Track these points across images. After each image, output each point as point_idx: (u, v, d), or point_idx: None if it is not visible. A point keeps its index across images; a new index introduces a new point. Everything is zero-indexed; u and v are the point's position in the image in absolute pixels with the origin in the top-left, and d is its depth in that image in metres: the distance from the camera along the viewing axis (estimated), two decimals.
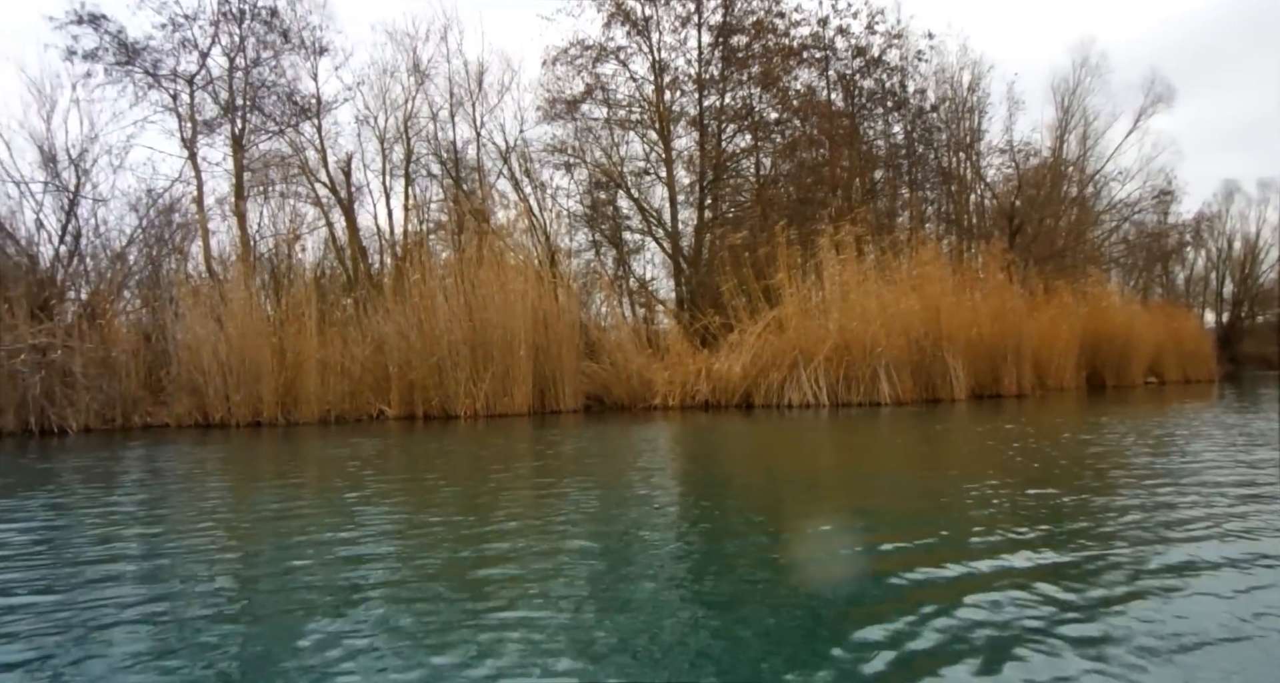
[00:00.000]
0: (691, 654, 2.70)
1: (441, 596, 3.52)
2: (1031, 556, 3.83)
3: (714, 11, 24.44)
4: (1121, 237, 38.78)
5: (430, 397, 16.42)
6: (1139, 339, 25.90)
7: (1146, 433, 9.95)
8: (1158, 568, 3.58)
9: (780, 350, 17.58)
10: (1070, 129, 35.63)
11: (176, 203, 18.78)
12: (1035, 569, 3.58)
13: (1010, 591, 3.22)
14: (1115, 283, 36.80)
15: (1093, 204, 37.07)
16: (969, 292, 19.51)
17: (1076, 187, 36.04)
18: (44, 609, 3.40)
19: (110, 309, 15.37)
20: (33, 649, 2.89)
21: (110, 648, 2.89)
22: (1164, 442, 8.94)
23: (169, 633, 3.07)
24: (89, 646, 2.94)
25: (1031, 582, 3.34)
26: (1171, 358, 28.28)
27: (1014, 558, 3.79)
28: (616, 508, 5.70)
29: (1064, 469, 7.00)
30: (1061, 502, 5.32)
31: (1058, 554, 3.86)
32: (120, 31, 20.36)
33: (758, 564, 3.98)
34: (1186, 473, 6.44)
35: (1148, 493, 5.54)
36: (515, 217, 21.38)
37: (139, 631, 3.09)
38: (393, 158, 23.62)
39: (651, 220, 25.39)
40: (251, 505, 6.38)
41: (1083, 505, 5.15)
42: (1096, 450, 8.34)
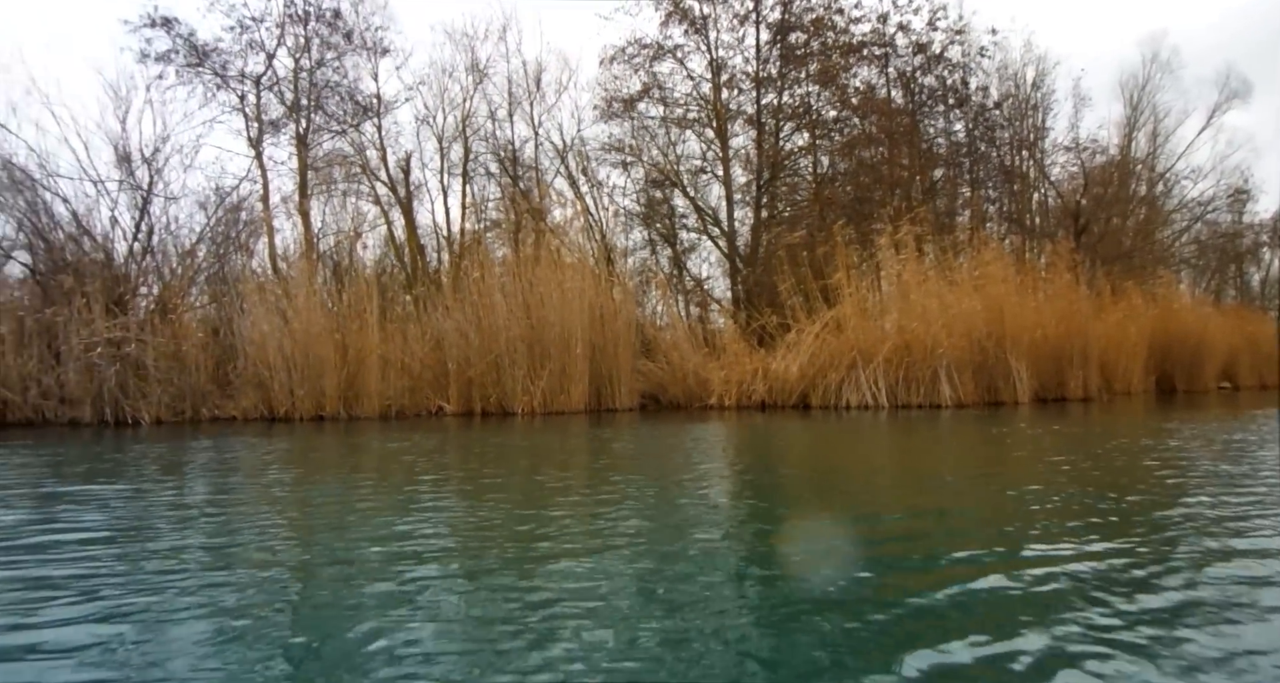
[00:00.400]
0: (746, 656, 2.68)
1: (496, 586, 3.54)
2: (1104, 567, 3.73)
3: (772, 9, 24.33)
4: (1193, 237, 37.70)
5: (488, 393, 16.59)
6: (1211, 342, 25.13)
7: (1216, 439, 9.66)
8: (1225, 579, 3.46)
9: (838, 351, 17.42)
10: (1139, 126, 34.82)
11: (243, 201, 19.24)
12: (1103, 581, 3.48)
13: (1076, 602, 3.14)
14: (1186, 284, 35.79)
15: (1162, 203, 36.11)
16: (1033, 292, 19.12)
17: (1145, 185, 35.16)
18: (116, 591, 3.50)
19: (181, 304, 15.80)
20: (104, 628, 2.99)
21: (175, 629, 2.98)
22: (1237, 448, 8.66)
23: (230, 616, 3.14)
24: (155, 627, 3.02)
25: (1100, 594, 3.25)
26: (1246, 362, 27.38)
27: (1088, 570, 3.69)
28: (672, 506, 5.67)
29: (1136, 476, 6.81)
30: (1134, 510, 5.18)
31: (1128, 566, 3.75)
32: (191, 34, 20.96)
33: (813, 566, 3.94)
34: (1257, 481, 6.23)
35: (1216, 501, 5.37)
36: (572, 215, 21.49)
37: (203, 612, 3.16)
38: (451, 157, 23.95)
39: (707, 219, 25.35)
40: (315, 496, 6.49)
41: (1160, 516, 5.01)
42: (1168, 457, 8.11)
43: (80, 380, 14.48)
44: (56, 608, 3.22)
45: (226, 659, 2.67)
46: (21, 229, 16.37)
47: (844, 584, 3.53)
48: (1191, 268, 37.98)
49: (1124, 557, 3.80)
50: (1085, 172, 32.06)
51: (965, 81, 27.42)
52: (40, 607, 3.24)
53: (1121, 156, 34.02)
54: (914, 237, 18.65)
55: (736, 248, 24.23)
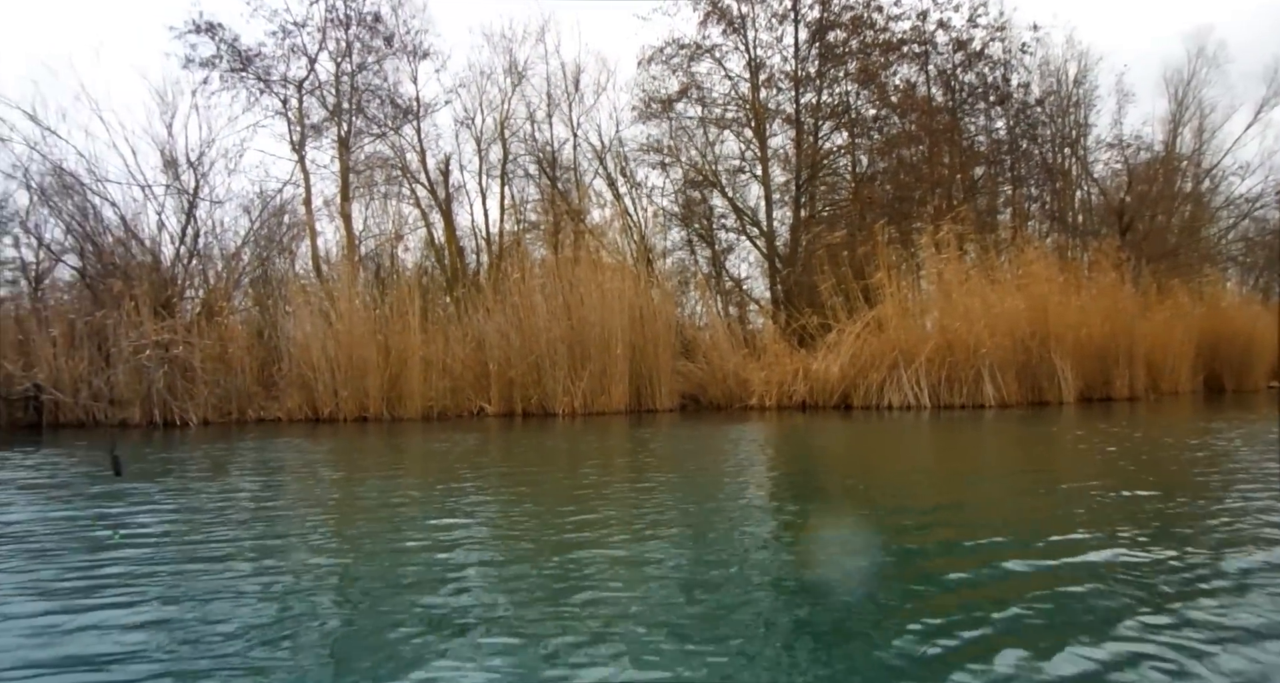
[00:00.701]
0: (783, 655, 2.67)
1: (533, 583, 3.60)
2: (1161, 576, 3.65)
3: (811, 7, 24.17)
4: (1240, 234, 36.88)
5: (529, 394, 16.65)
6: (1261, 341, 24.57)
7: (1267, 440, 9.44)
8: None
9: (880, 351, 17.26)
10: (1184, 122, 34.01)
11: (286, 205, 19.47)
12: (1159, 590, 3.39)
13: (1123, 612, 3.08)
14: (1234, 282, 35.03)
15: (1209, 200, 35.35)
16: (1078, 291, 18.81)
17: (1191, 182, 34.44)
18: (167, 583, 3.64)
19: (227, 307, 16.02)
20: (154, 617, 3.12)
21: (222, 618, 3.08)
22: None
23: (275, 607, 3.23)
24: (203, 615, 3.14)
25: (1150, 604, 3.18)
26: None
27: (1135, 576, 3.62)
28: (710, 507, 5.66)
29: (1192, 479, 6.67)
30: (1188, 514, 5.07)
31: (1183, 572, 3.66)
32: (235, 39, 21.23)
33: (850, 567, 3.91)
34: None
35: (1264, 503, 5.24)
36: (611, 216, 21.50)
37: (249, 602, 3.27)
38: (489, 159, 24.06)
39: (746, 219, 25.24)
40: (359, 494, 6.60)
41: (1218, 522, 4.89)
42: (1224, 460, 7.94)
43: (129, 382, 14.74)
44: (112, 597, 3.28)
45: (267, 643, 2.75)
46: (71, 233, 16.71)
47: (873, 584, 3.49)
48: (1239, 265, 37.14)
49: (1181, 563, 3.72)
50: (1129, 169, 31.49)
51: (1006, 79, 27.06)
52: (101, 595, 3.30)
53: (1166, 153, 33.34)
54: (956, 236, 18.44)
55: (775, 248, 24.10)
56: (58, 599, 3.38)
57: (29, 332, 15.11)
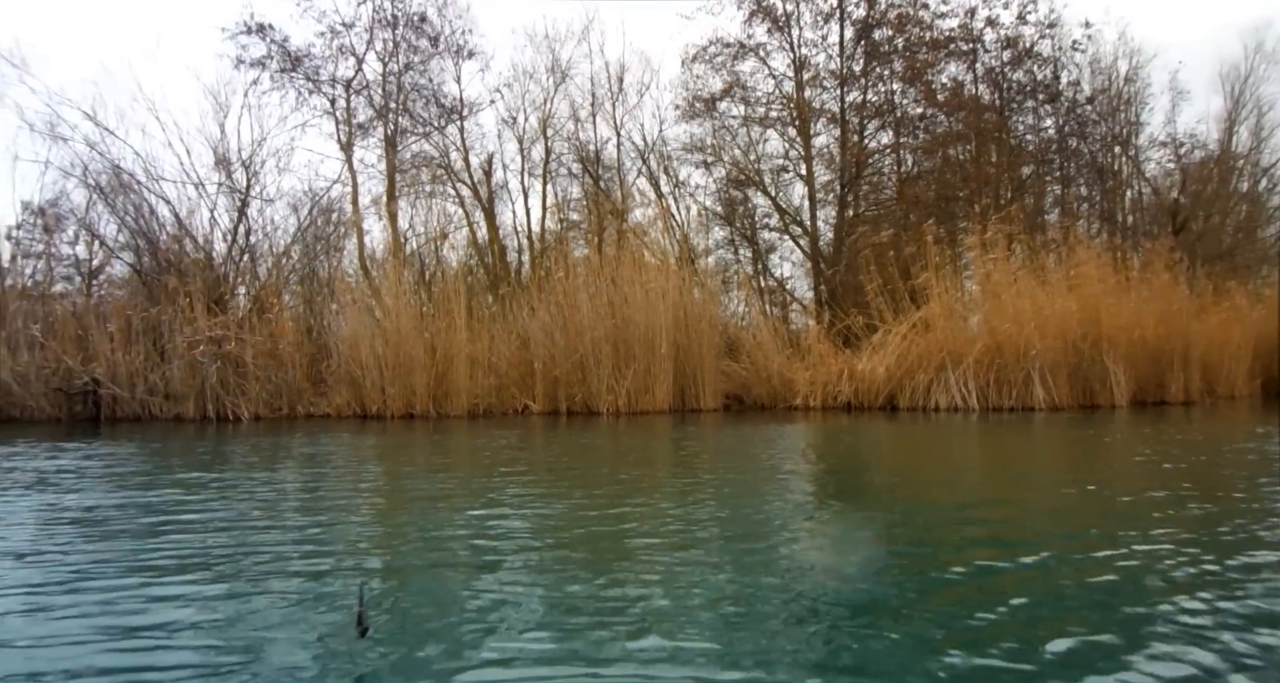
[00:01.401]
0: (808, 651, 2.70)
1: (569, 575, 3.67)
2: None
3: (857, 5, 23.99)
4: None
5: (574, 393, 16.70)
6: None
7: None
8: None
9: (927, 352, 17.07)
10: (1241, 121, 33.27)
11: (335, 203, 19.72)
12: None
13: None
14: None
15: (1266, 200, 34.55)
16: (1130, 292, 18.44)
17: (1248, 181, 33.69)
18: (223, 562, 3.82)
19: (277, 304, 16.26)
20: (209, 593, 3.26)
21: (269, 599, 3.20)
22: None
23: (316, 590, 3.33)
24: (248, 595, 3.27)
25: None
26: None
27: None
28: (751, 507, 5.63)
29: (1246, 487, 6.52)
30: (1230, 523, 4.94)
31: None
32: (285, 40, 21.54)
33: (886, 569, 3.89)
34: None
35: None
36: (654, 216, 21.49)
37: (294, 584, 3.40)
38: (532, 157, 24.16)
39: (789, 219, 25.12)
40: (405, 488, 6.76)
41: None
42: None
43: (184, 377, 15.02)
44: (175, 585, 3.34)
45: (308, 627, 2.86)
46: (127, 230, 17.06)
47: (903, 588, 3.46)
48: None
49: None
50: (1183, 168, 30.87)
51: (1056, 76, 26.64)
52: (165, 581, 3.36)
53: (1222, 152, 32.62)
54: (1005, 236, 18.18)
55: (819, 248, 23.95)
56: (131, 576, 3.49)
57: (87, 327, 15.47)
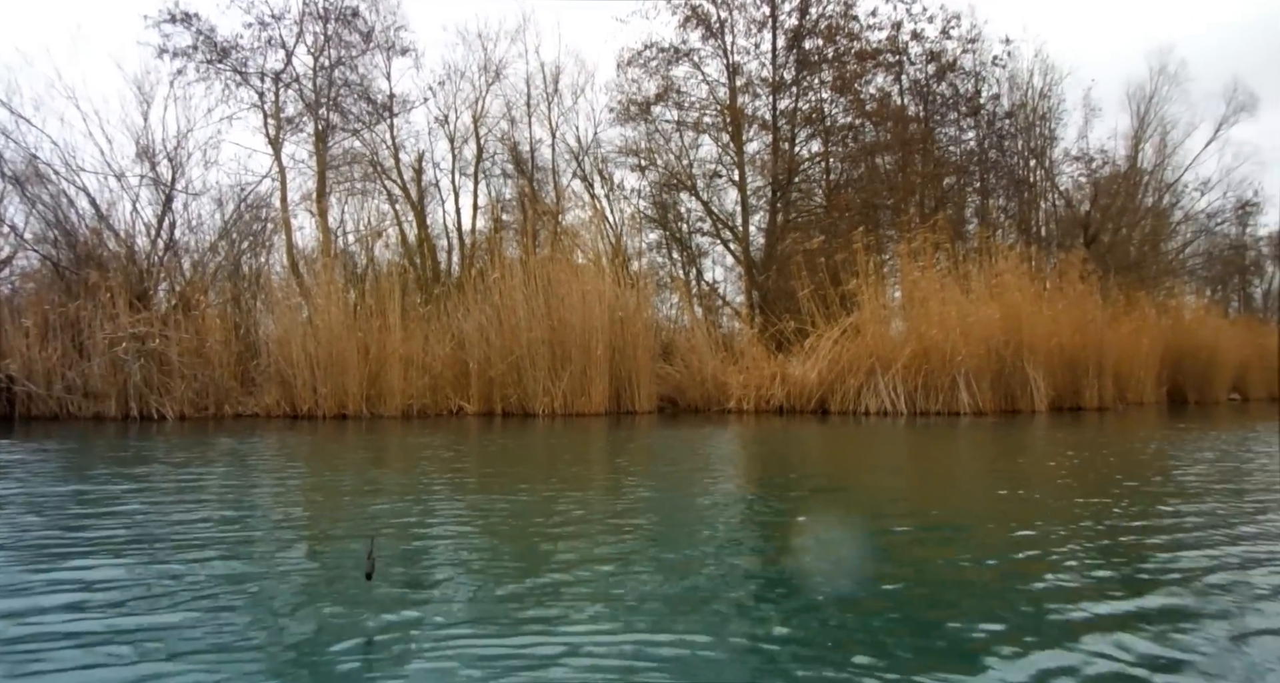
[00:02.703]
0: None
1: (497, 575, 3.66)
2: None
3: (789, 15, 24.40)
4: (1196, 249, 37.81)
5: (509, 394, 16.61)
6: (1223, 354, 25.17)
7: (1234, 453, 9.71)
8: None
9: (857, 357, 17.45)
10: (1147, 138, 34.84)
11: (264, 199, 19.25)
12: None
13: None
14: (1194, 295, 35.81)
15: (1170, 215, 36.19)
16: (1049, 301, 19.14)
17: (1153, 196, 35.24)
18: (138, 571, 3.69)
19: (204, 301, 15.80)
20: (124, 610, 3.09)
21: (186, 608, 3.08)
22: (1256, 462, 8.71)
23: (236, 598, 3.24)
24: (170, 608, 3.13)
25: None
26: (1257, 374, 27.42)
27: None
28: (684, 506, 5.74)
29: (1152, 487, 6.84)
30: (1134, 521, 5.20)
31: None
32: (211, 30, 20.95)
33: (805, 564, 4.03)
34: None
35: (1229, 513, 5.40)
36: (590, 218, 21.51)
37: (212, 593, 3.29)
38: (464, 156, 23.98)
39: (720, 224, 25.39)
40: (334, 488, 6.67)
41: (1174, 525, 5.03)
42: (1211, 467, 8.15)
43: (104, 375, 14.49)
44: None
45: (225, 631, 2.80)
46: (43, 221, 16.36)
47: (823, 581, 3.60)
48: (1199, 279, 38.04)
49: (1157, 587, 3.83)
50: (1094, 182, 32.15)
51: (978, 90, 27.50)
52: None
53: (1129, 167, 34.08)
54: (931, 244, 18.69)
55: (750, 253, 24.27)
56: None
57: (1, 322, 14.80)
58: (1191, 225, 37.19)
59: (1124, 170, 33.74)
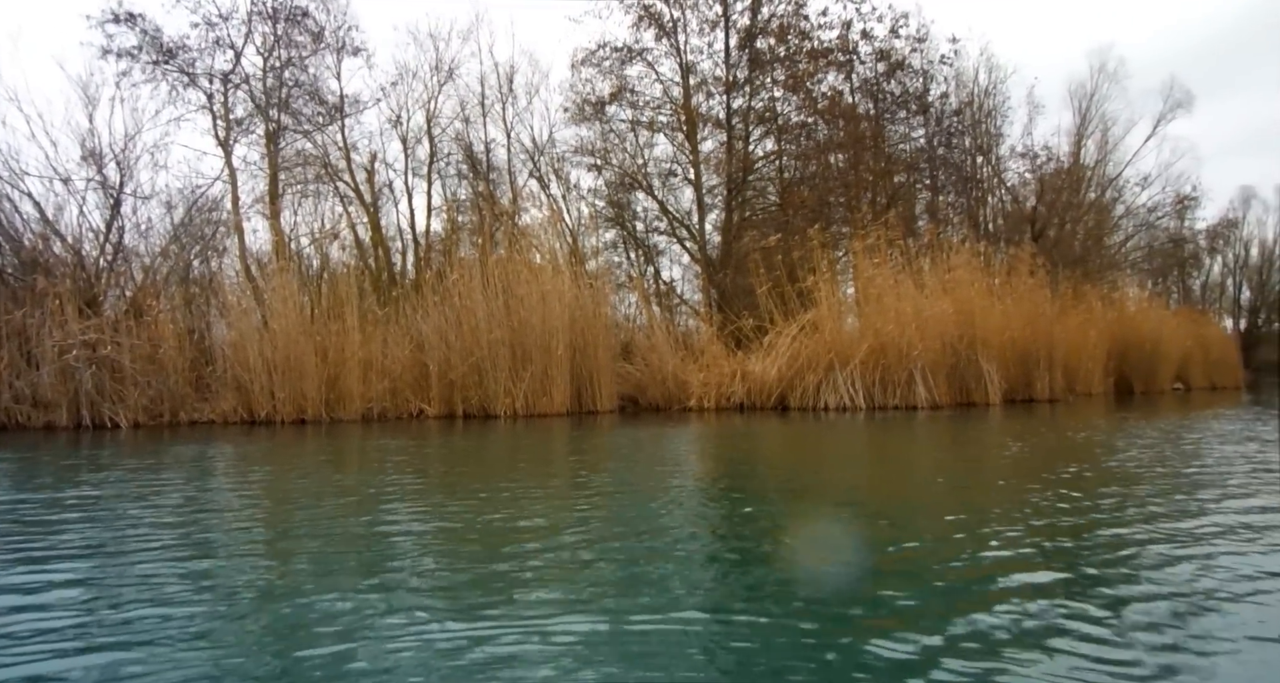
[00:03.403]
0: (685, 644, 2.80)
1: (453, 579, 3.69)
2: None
3: (742, 14, 24.58)
4: (1144, 242, 38.82)
5: (470, 396, 16.53)
6: (1166, 345, 25.89)
7: (1183, 438, 10.02)
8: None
9: (815, 353, 17.65)
10: (1088, 135, 35.71)
11: (216, 202, 18.93)
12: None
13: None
14: (1136, 288, 36.77)
15: (1112, 210, 37.10)
16: (1001, 296, 19.53)
17: (1095, 192, 36.09)
18: (95, 576, 3.71)
19: (156, 306, 15.49)
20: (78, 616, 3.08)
21: (137, 615, 3.06)
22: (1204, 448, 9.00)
23: (196, 605, 3.22)
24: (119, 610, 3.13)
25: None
26: (1198, 364, 28.26)
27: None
28: (646, 504, 5.79)
29: (1097, 475, 7.05)
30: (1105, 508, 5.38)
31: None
32: (156, 30, 20.53)
33: (769, 560, 4.14)
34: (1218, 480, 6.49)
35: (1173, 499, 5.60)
36: (546, 217, 21.46)
37: (163, 599, 3.27)
38: (418, 156, 23.80)
39: (675, 222, 25.49)
40: (290, 492, 6.65)
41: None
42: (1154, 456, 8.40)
43: (55, 383, 14.13)
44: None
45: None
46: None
47: (786, 579, 3.71)
48: (1141, 272, 39.04)
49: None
50: (1040, 178, 32.85)
51: (926, 89, 27.92)
52: None
53: (1072, 163, 34.88)
54: (886, 241, 18.96)
55: (708, 251, 24.40)
56: None
57: None
58: (1132, 220, 38.20)
59: (1067, 166, 34.55)
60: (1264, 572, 3.45)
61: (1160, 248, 39.83)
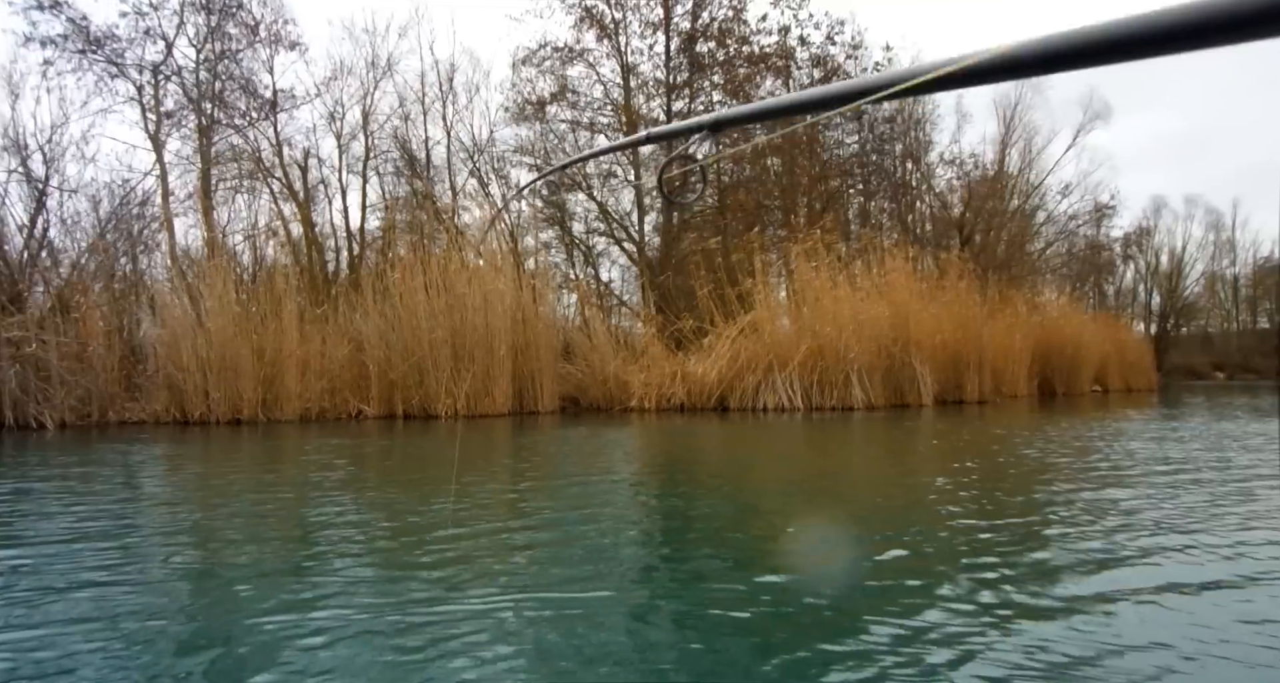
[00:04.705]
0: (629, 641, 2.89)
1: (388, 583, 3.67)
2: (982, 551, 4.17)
3: (683, 18, 24.78)
4: (1066, 249, 40.17)
5: (410, 396, 16.37)
6: (1086, 349, 26.83)
7: (1116, 436, 10.47)
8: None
9: (755, 355, 17.89)
10: (1012, 143, 36.83)
11: (148, 196, 18.40)
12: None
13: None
14: (1056, 294, 38.01)
15: (1034, 216, 38.32)
16: (933, 299, 20.03)
17: (1019, 199, 37.22)
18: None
19: (85, 302, 15.01)
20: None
21: (59, 621, 3.02)
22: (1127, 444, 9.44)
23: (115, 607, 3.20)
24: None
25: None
26: (1115, 368, 29.36)
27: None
28: (584, 504, 5.89)
29: (1022, 470, 7.36)
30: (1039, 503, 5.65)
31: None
32: (83, 18, 19.89)
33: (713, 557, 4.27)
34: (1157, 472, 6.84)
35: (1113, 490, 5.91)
36: (490, 216, 21.34)
37: (94, 603, 3.24)
38: (354, 153, 23.45)
39: (614, 224, 25.56)
40: (222, 494, 6.56)
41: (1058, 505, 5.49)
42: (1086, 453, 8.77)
43: None
44: None
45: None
46: None
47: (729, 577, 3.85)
48: (1062, 278, 40.39)
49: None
50: (967, 184, 33.80)
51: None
52: None
53: (997, 171, 35.93)
54: (824, 244, 19.30)
55: (647, 253, 24.53)
56: None
57: None
58: (1053, 227, 39.53)
59: (993, 174, 35.59)
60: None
61: (1079, 254, 41.27)
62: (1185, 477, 6.60)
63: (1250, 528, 4.50)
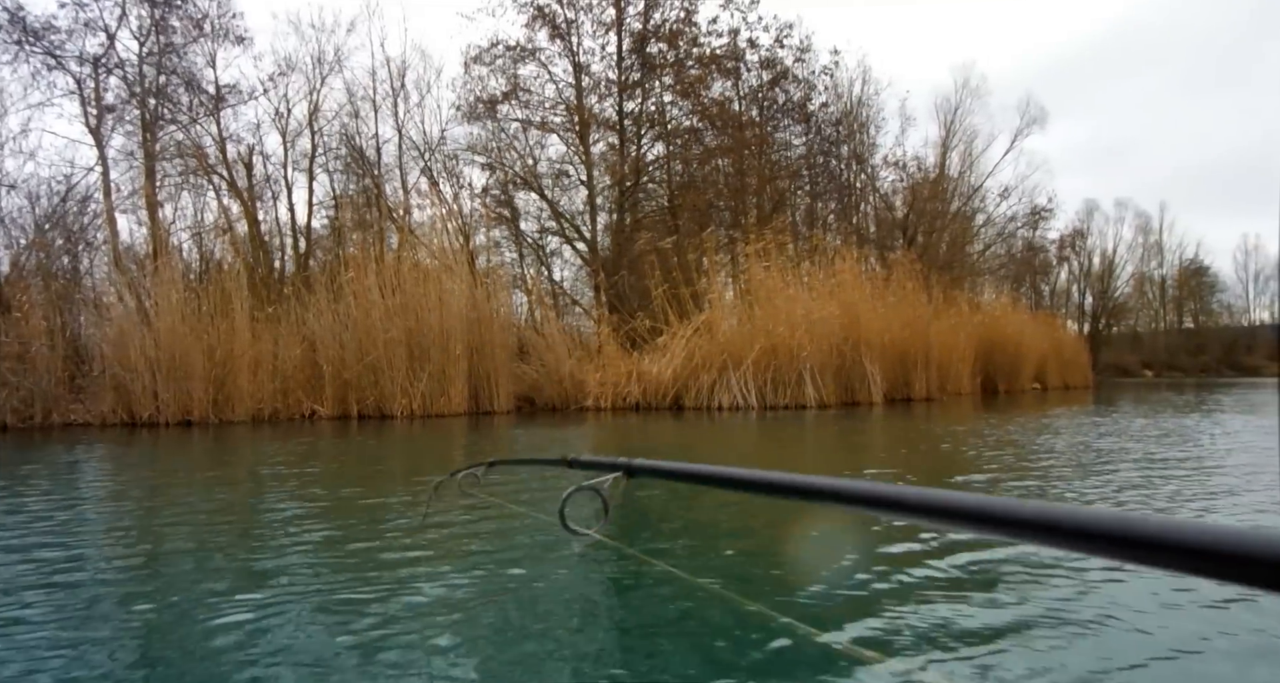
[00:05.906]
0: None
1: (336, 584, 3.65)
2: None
3: (635, 18, 24.86)
4: (1005, 250, 41.14)
5: (365, 396, 16.21)
6: (1027, 348, 27.53)
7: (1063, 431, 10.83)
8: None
9: (709, 354, 18.05)
10: (953, 146, 37.65)
11: (90, 192, 17.92)
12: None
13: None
14: (994, 294, 38.94)
15: (974, 218, 39.19)
16: (881, 299, 20.40)
17: (959, 201, 38.05)
18: None
19: (25, 300, 14.58)
20: None
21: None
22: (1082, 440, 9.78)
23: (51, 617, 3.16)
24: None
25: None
26: (1054, 366, 30.19)
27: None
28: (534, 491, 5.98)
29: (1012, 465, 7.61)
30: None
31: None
32: (19, 7, 19.29)
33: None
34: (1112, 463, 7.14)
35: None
36: (443, 215, 21.19)
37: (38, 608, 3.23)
38: (302, 149, 23.09)
39: (565, 223, 25.56)
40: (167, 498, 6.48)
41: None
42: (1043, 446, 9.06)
43: None
44: None
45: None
46: None
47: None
48: (1000, 278, 41.38)
49: None
50: (911, 186, 34.46)
51: (809, 98, 28.85)
52: None
53: (939, 174, 36.69)
54: (777, 245, 19.55)
55: (599, 252, 24.56)
56: None
57: None
58: (992, 228, 40.49)
59: (934, 176, 36.33)
60: None
61: (1017, 256, 42.31)
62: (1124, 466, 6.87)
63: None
